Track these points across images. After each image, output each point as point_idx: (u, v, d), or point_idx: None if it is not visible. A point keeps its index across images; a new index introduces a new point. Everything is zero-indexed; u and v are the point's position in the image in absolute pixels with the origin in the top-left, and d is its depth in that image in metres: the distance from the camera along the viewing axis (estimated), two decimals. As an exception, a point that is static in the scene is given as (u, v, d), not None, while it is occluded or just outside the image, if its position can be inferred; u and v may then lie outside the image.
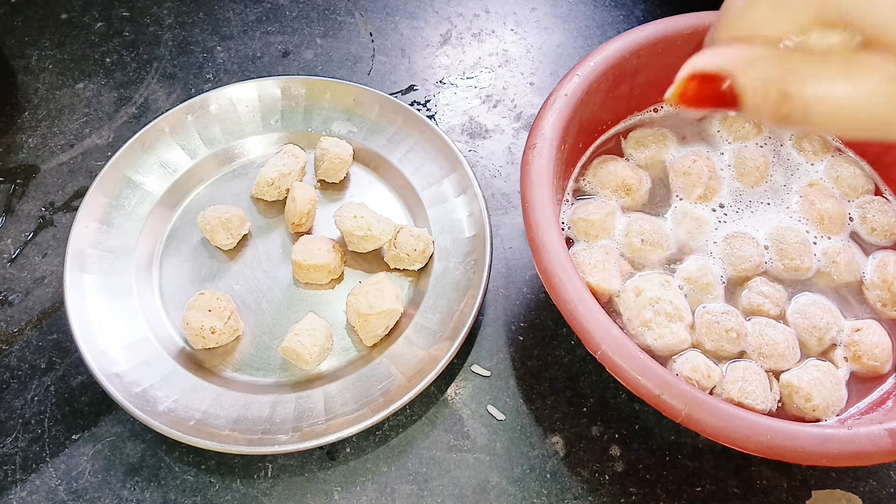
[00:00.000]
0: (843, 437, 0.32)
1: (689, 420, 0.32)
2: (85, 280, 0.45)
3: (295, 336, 0.42)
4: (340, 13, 0.64)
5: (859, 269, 0.42)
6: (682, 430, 0.42)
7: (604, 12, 0.64)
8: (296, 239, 0.48)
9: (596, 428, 0.43)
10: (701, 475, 0.41)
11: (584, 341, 0.34)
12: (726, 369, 0.39)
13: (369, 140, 0.52)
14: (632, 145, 0.47)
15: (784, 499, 0.40)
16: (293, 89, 0.53)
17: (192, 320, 0.43)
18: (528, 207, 0.37)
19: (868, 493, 0.41)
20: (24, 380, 0.44)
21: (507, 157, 0.54)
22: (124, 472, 0.41)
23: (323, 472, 0.41)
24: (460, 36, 0.62)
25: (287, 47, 0.61)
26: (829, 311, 0.41)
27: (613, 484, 0.41)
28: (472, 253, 0.46)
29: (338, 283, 0.47)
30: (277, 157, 0.50)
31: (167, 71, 0.60)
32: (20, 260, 0.50)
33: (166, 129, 0.51)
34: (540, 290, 0.48)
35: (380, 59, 0.61)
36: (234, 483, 0.41)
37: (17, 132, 0.56)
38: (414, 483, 0.41)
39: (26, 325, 0.47)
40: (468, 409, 0.43)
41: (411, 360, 0.43)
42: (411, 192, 0.50)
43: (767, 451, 0.31)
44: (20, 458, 0.42)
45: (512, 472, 0.41)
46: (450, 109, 0.57)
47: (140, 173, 0.50)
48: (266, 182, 0.49)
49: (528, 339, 0.46)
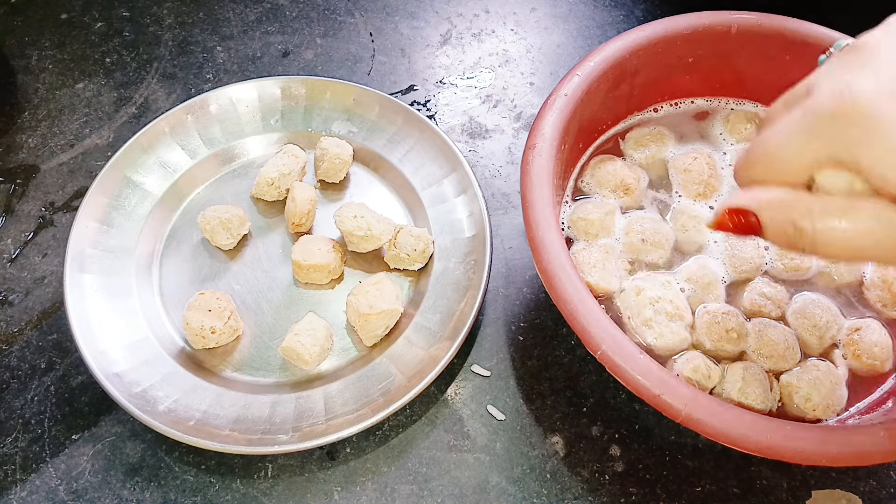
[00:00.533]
0: (843, 437, 0.32)
1: (689, 420, 0.32)
2: (85, 280, 0.45)
3: (295, 336, 0.42)
4: (340, 13, 0.64)
5: (859, 269, 0.42)
6: (682, 430, 0.42)
7: (604, 12, 0.64)
8: (296, 239, 0.48)
9: (596, 428, 0.43)
10: (701, 475, 0.41)
11: (584, 341, 0.34)
12: (726, 370, 0.39)
13: (369, 140, 0.52)
14: (630, 145, 0.47)
15: (784, 499, 0.40)
16: (293, 89, 0.53)
17: (192, 320, 0.43)
18: (528, 207, 0.37)
19: (868, 493, 0.41)
20: (24, 380, 0.44)
21: (507, 157, 0.54)
22: (124, 472, 0.41)
23: (323, 472, 0.41)
24: (460, 36, 0.62)
25: (287, 47, 0.61)
26: (829, 311, 0.41)
27: (613, 484, 0.41)
28: (472, 253, 0.46)
29: (338, 283, 0.47)
30: (277, 157, 0.50)
31: (167, 71, 0.60)
32: (20, 260, 0.50)
33: (166, 129, 0.51)
34: (540, 290, 0.48)
35: (380, 59, 0.61)
36: (234, 483, 0.41)
37: (17, 132, 0.56)
38: (414, 483, 0.41)
39: (26, 325, 0.47)
40: (468, 409, 0.43)
41: (411, 360, 0.43)
42: (411, 192, 0.50)
43: (767, 451, 0.31)
44: (20, 458, 0.42)
45: (512, 472, 0.41)
46: (450, 109, 0.57)
47: (140, 173, 0.50)
48: (266, 182, 0.49)
49: (528, 339, 0.46)
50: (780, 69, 0.46)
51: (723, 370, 0.39)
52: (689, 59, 0.46)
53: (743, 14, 0.45)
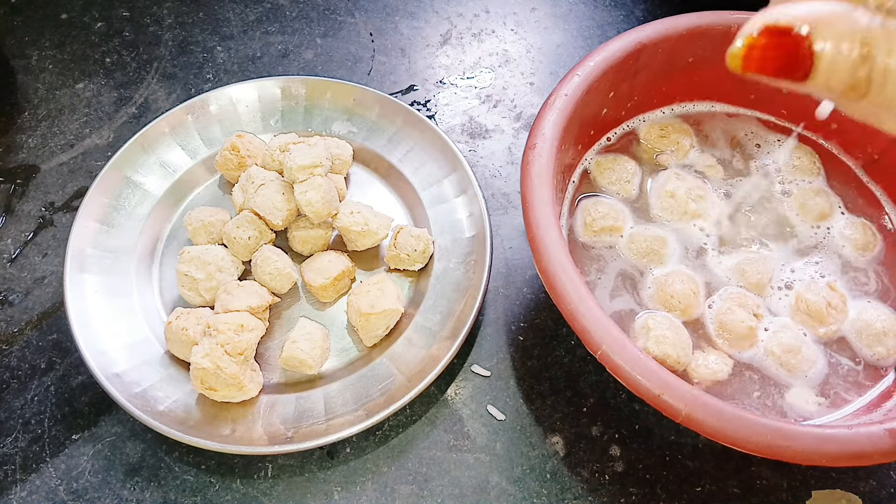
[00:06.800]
0: (843, 437, 0.32)
1: (689, 420, 0.32)
2: (85, 280, 0.45)
3: (293, 344, 0.42)
4: (340, 13, 0.64)
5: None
6: (682, 430, 0.42)
7: (604, 12, 0.64)
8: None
9: (596, 428, 0.43)
10: (701, 475, 0.41)
11: (584, 341, 0.34)
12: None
13: (369, 140, 0.52)
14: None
15: (784, 499, 0.40)
16: (293, 89, 0.53)
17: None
18: (528, 207, 0.37)
19: (868, 493, 0.41)
20: (24, 380, 0.44)
21: (507, 157, 0.54)
22: (124, 472, 0.41)
23: (323, 472, 0.41)
24: (460, 36, 0.62)
25: (287, 47, 0.61)
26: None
27: (613, 484, 0.41)
28: (472, 253, 0.46)
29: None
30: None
31: (167, 71, 0.60)
32: (20, 260, 0.50)
33: (166, 129, 0.51)
34: (540, 290, 0.48)
35: (380, 59, 0.61)
36: (234, 483, 0.41)
37: (17, 132, 0.56)
38: (414, 483, 0.41)
39: (26, 325, 0.47)
40: (468, 409, 0.43)
41: (411, 360, 0.43)
42: (411, 193, 0.50)
43: (767, 451, 0.31)
44: (20, 458, 0.42)
45: (512, 472, 0.41)
46: (450, 109, 0.57)
47: (140, 173, 0.50)
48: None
49: (528, 339, 0.46)
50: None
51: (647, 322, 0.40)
52: (689, 58, 0.46)
53: (743, 14, 0.45)
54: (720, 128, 0.48)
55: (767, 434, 0.31)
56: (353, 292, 0.44)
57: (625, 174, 0.45)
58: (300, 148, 0.45)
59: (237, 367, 0.39)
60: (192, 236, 0.47)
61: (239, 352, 0.40)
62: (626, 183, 0.45)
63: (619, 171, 0.46)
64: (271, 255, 0.44)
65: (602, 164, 0.46)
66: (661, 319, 0.40)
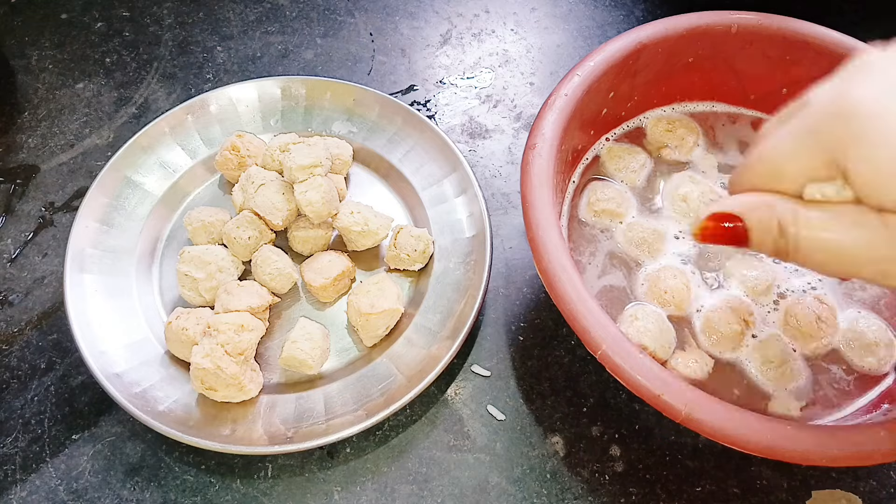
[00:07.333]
0: (843, 437, 0.32)
1: (689, 420, 0.32)
2: (85, 280, 0.45)
3: (293, 344, 0.42)
4: (340, 13, 0.64)
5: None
6: (682, 430, 0.42)
7: (604, 12, 0.64)
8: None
9: (596, 428, 0.43)
10: (701, 475, 0.41)
11: (584, 341, 0.34)
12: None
13: (369, 140, 0.52)
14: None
15: (784, 499, 0.40)
16: (293, 89, 0.53)
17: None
18: (528, 207, 0.37)
19: (868, 493, 0.41)
20: (24, 380, 0.44)
21: (507, 157, 0.54)
22: (124, 472, 0.41)
23: (323, 472, 0.41)
24: (460, 36, 0.62)
25: (287, 47, 0.61)
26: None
27: (613, 484, 0.41)
28: (472, 253, 0.46)
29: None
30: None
31: (167, 71, 0.60)
32: (20, 260, 0.50)
33: (166, 129, 0.51)
34: (540, 290, 0.48)
35: (380, 59, 0.61)
36: (234, 483, 0.41)
37: (17, 132, 0.56)
38: (414, 483, 0.41)
39: (26, 325, 0.47)
40: (468, 409, 0.43)
41: (411, 360, 0.43)
42: (411, 193, 0.50)
43: (767, 451, 0.31)
44: (20, 458, 0.42)
45: (512, 472, 0.41)
46: (450, 109, 0.57)
47: (140, 173, 0.50)
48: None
49: (528, 339, 0.46)
50: (780, 69, 0.46)
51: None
52: (689, 58, 0.46)
53: (743, 14, 0.45)
54: (732, 135, 0.48)
55: (767, 434, 0.31)
56: (354, 292, 0.44)
57: (633, 164, 0.46)
58: (300, 148, 0.45)
59: (237, 367, 0.39)
60: (192, 236, 0.47)
61: (239, 352, 0.40)
62: (633, 173, 0.45)
63: (628, 160, 0.46)
64: (271, 255, 0.44)
65: (613, 151, 0.46)
66: (649, 312, 0.40)
